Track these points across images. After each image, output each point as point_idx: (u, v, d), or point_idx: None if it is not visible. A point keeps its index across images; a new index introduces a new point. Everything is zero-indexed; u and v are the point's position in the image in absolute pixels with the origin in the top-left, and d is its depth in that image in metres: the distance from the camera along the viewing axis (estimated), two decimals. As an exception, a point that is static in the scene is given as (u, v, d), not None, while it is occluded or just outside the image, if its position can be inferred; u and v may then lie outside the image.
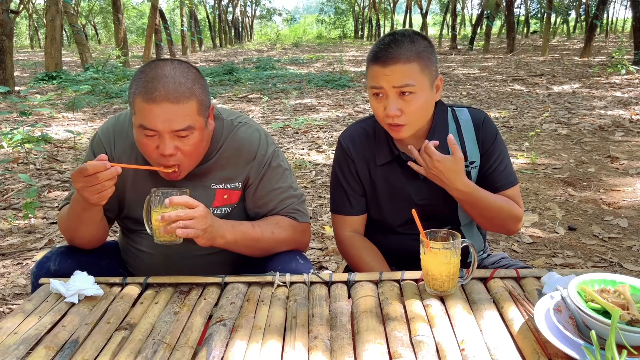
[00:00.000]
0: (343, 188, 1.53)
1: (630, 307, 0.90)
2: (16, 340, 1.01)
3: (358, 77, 11.51)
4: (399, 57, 1.31)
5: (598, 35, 23.60)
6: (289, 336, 1.01)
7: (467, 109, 1.50)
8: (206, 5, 34.82)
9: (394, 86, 1.32)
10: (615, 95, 7.80)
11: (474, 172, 1.47)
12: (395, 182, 1.48)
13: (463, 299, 1.12)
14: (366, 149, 1.50)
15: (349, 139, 1.53)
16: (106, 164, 1.14)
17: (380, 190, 1.50)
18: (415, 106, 1.33)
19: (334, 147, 5.21)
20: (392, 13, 35.10)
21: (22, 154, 4.88)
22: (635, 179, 3.90)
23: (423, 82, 1.33)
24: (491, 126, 1.47)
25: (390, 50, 1.32)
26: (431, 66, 1.35)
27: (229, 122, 1.42)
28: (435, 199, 1.46)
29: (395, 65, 1.31)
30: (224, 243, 1.28)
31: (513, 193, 1.47)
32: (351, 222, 1.55)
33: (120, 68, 12.27)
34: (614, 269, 2.54)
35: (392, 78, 1.32)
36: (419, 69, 1.32)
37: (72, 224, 1.34)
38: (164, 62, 1.24)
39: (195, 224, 1.17)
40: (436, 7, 44.52)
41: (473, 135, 1.46)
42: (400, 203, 1.48)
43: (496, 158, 1.46)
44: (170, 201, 1.15)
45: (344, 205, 1.54)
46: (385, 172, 1.49)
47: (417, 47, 1.33)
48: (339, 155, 1.54)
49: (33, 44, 37.84)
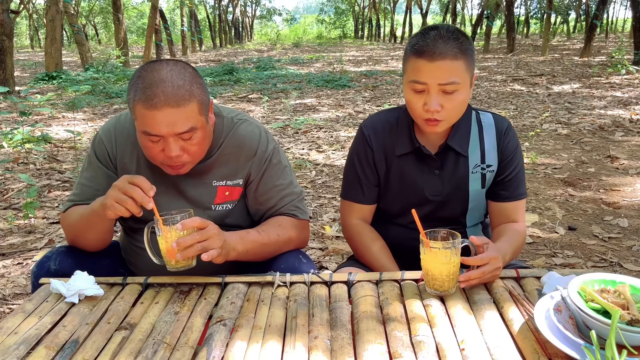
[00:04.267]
0: (357, 175, 1.52)
1: (630, 307, 0.90)
2: (16, 340, 1.01)
3: (358, 77, 11.51)
4: (447, 54, 1.27)
5: (598, 35, 23.59)
6: (289, 336, 1.01)
7: (492, 114, 1.50)
8: (206, 5, 34.82)
9: (439, 83, 1.29)
10: (615, 95, 7.80)
11: (489, 176, 1.47)
12: (410, 174, 1.48)
13: (463, 299, 1.12)
14: (387, 139, 1.49)
15: (371, 128, 1.51)
16: (152, 190, 1.16)
17: (394, 181, 1.50)
18: (455, 103, 1.32)
19: (333, 147, 5.21)
20: (392, 13, 35.11)
21: (22, 154, 4.88)
22: (635, 179, 3.90)
23: (466, 80, 1.32)
24: (514, 136, 1.48)
25: (437, 46, 1.28)
26: (473, 64, 1.35)
27: (229, 120, 1.42)
28: (447, 196, 1.47)
29: (443, 61, 1.27)
30: (236, 255, 1.28)
31: (519, 206, 1.48)
32: (360, 210, 1.54)
33: (121, 68, 12.27)
34: (614, 269, 2.54)
35: (439, 75, 1.28)
36: (465, 67, 1.30)
37: (81, 227, 1.35)
38: (160, 64, 1.23)
39: (212, 243, 1.16)
40: (436, 7, 44.52)
41: (494, 141, 1.46)
42: (411, 196, 1.48)
43: (513, 169, 1.46)
44: (183, 225, 1.14)
45: (356, 192, 1.53)
46: (402, 163, 1.48)
47: (463, 44, 1.30)
48: (358, 142, 1.52)
49: (33, 44, 37.84)
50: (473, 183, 1.46)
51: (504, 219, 1.48)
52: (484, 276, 1.16)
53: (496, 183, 1.48)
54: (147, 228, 1.21)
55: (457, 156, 1.45)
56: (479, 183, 1.47)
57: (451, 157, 1.45)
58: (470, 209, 1.50)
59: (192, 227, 1.15)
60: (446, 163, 1.46)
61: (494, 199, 1.49)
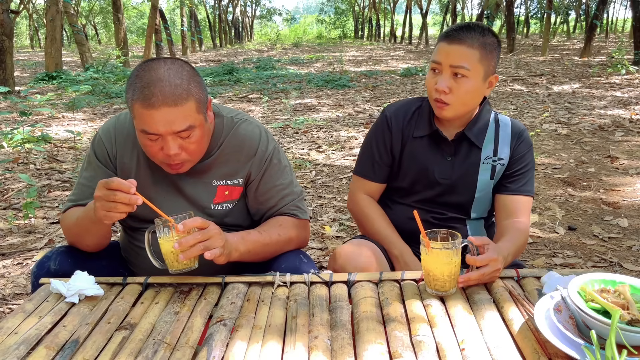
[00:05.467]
0: (372, 154, 1.60)
1: (630, 307, 0.90)
2: (16, 340, 1.01)
3: (358, 77, 11.51)
4: (464, 40, 1.39)
5: (598, 35, 23.58)
6: (289, 336, 1.01)
7: (510, 119, 1.58)
8: (206, 5, 34.81)
9: (450, 65, 1.39)
10: (615, 95, 7.80)
11: (499, 168, 1.53)
12: (422, 155, 1.55)
13: (463, 299, 1.12)
14: (407, 123, 1.58)
15: (394, 112, 1.60)
16: (132, 187, 1.13)
17: (406, 161, 1.57)
18: (463, 89, 1.40)
19: (334, 146, 5.22)
20: (392, 13, 35.11)
21: (22, 154, 4.88)
22: (635, 179, 3.90)
23: (478, 71, 1.40)
24: (527, 140, 1.55)
25: (459, 32, 1.40)
26: (491, 60, 1.42)
27: (229, 119, 1.42)
28: (456, 181, 1.53)
29: (459, 45, 1.39)
30: (238, 255, 1.28)
31: (524, 202, 1.51)
32: (370, 187, 1.62)
33: (121, 68, 12.26)
34: (614, 269, 2.54)
35: (451, 56, 1.39)
36: (479, 57, 1.39)
37: (79, 231, 1.35)
38: (157, 63, 1.23)
39: (213, 242, 1.16)
40: (436, 7, 44.51)
41: (508, 140, 1.53)
42: (421, 176, 1.55)
43: (524, 165, 1.53)
44: (184, 225, 1.14)
45: (368, 170, 1.62)
46: (416, 145, 1.55)
47: (485, 39, 1.40)
48: (379, 123, 1.61)
49: (33, 44, 37.83)
50: (483, 173, 1.52)
51: (508, 214, 1.50)
52: (483, 278, 1.16)
53: (505, 176, 1.53)
54: (148, 232, 1.21)
55: (470, 146, 1.52)
56: (488, 174, 1.52)
57: (465, 146, 1.53)
58: (476, 198, 1.54)
59: (193, 227, 1.15)
60: (459, 150, 1.53)
61: (500, 191, 1.54)
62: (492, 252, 1.18)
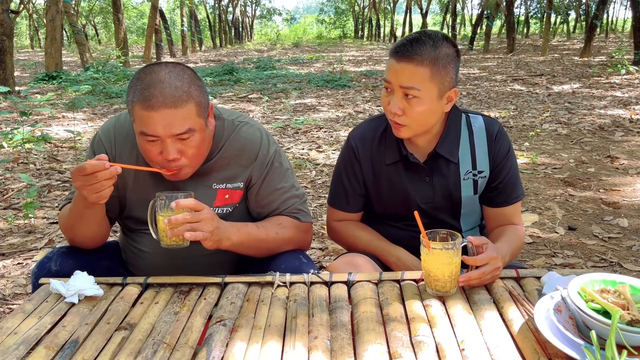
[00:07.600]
0: (343, 185, 1.53)
1: (630, 307, 0.90)
2: (16, 340, 1.01)
3: (358, 77, 11.51)
4: (413, 57, 1.27)
5: (598, 35, 23.58)
6: (289, 336, 1.01)
7: (482, 117, 1.47)
8: (206, 5, 34.80)
9: (400, 85, 1.30)
10: (615, 95, 7.80)
11: (481, 182, 1.46)
12: (399, 182, 1.47)
13: (463, 299, 1.12)
14: (375, 149, 1.49)
15: (359, 139, 1.51)
16: (105, 163, 1.14)
17: (385, 189, 1.50)
18: (416, 111, 1.31)
19: (334, 146, 5.21)
20: (392, 13, 35.11)
21: (22, 154, 4.88)
22: (635, 179, 3.90)
23: (430, 90, 1.29)
24: (505, 140, 1.45)
25: (409, 48, 1.28)
26: (445, 76, 1.30)
27: (230, 122, 1.42)
28: (439, 201, 1.46)
29: (407, 64, 1.28)
30: (230, 245, 1.28)
31: (515, 209, 1.47)
32: (346, 217, 1.57)
33: (121, 68, 12.26)
34: (614, 269, 2.54)
35: (400, 76, 1.30)
36: (429, 76, 1.28)
37: (73, 222, 1.34)
38: (159, 66, 1.23)
39: (202, 226, 1.17)
40: (436, 7, 44.52)
41: (485, 146, 1.44)
42: (403, 203, 1.48)
43: (507, 174, 1.45)
44: (177, 204, 1.15)
45: (340, 200, 1.56)
46: (391, 171, 1.48)
47: (438, 52, 1.28)
48: (346, 153, 1.53)
49: (33, 44, 37.83)
50: (465, 190, 1.45)
51: (500, 222, 1.48)
52: (484, 277, 1.15)
53: (491, 189, 1.46)
54: (152, 204, 1.22)
55: (447, 163, 1.44)
56: (471, 189, 1.46)
57: (441, 164, 1.44)
58: (463, 215, 1.49)
59: (184, 207, 1.16)
60: (436, 170, 1.45)
61: (490, 205, 1.49)
62: (491, 251, 1.17)
